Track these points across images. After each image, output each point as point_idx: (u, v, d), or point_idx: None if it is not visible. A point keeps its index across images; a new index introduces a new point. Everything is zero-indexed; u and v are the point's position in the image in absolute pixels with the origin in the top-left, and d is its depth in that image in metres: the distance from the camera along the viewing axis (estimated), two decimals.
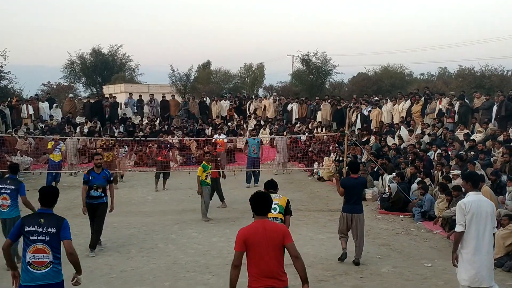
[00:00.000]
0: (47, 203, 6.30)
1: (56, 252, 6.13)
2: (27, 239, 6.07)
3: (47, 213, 6.26)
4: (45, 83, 50.28)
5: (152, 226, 13.67)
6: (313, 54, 39.27)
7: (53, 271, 6.10)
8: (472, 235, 7.11)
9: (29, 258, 6.05)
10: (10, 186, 10.12)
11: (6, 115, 26.04)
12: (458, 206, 7.28)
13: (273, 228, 5.85)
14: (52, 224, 6.10)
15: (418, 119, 23.47)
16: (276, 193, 8.53)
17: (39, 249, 6.05)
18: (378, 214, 15.34)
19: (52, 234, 6.07)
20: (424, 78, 47.06)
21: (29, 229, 6.07)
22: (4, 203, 10.06)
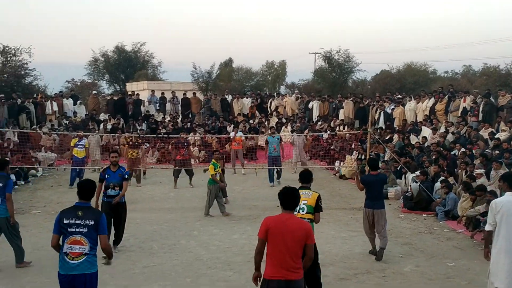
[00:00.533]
0: (85, 197, 6.55)
1: (93, 244, 6.35)
2: (66, 231, 6.30)
3: (85, 206, 6.49)
4: (69, 80, 50.93)
5: (174, 222, 13.75)
6: (336, 52, 39.06)
7: (87, 262, 6.31)
8: (502, 235, 6.96)
9: (66, 248, 6.29)
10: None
11: (31, 111, 26.38)
12: (490, 205, 7.19)
13: (297, 225, 6.02)
14: (90, 217, 6.34)
15: (441, 117, 23.23)
16: (309, 188, 8.32)
17: (77, 241, 6.28)
18: (401, 213, 15.23)
19: (90, 227, 6.30)
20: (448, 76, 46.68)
21: (68, 221, 6.31)
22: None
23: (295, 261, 5.93)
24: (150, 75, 49.49)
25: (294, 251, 5.91)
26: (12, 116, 25.33)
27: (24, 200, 16.88)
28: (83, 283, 6.28)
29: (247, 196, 17.34)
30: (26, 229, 13.00)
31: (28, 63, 36.36)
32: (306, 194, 8.15)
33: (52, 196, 17.73)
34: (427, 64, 45.34)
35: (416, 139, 21.37)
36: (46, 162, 22.74)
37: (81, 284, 6.29)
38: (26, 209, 15.54)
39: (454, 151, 18.38)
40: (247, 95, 32.76)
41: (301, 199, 7.34)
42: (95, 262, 6.42)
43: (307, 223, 6.49)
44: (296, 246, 5.92)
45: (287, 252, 5.89)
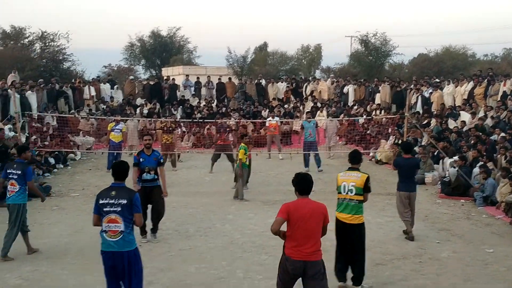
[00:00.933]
0: (119, 177, 6.84)
1: (128, 222, 6.61)
2: (102, 211, 6.60)
3: (119, 186, 6.78)
4: (106, 65, 51.57)
5: (209, 206, 13.85)
6: (373, 35, 38.57)
7: (124, 240, 6.58)
8: None
9: (104, 227, 6.61)
10: (17, 171, 9.62)
11: (69, 96, 26.77)
12: None
13: (315, 207, 6.43)
14: (123, 196, 6.62)
15: (480, 101, 22.74)
16: (358, 169, 8.34)
17: (112, 219, 6.57)
18: (438, 199, 15.03)
19: (124, 205, 6.58)
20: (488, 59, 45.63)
21: (103, 201, 6.63)
22: (12, 189, 9.58)
23: (315, 243, 6.34)
24: (185, 60, 49.71)
25: (314, 233, 6.32)
26: (50, 101, 25.76)
27: (63, 184, 17.22)
28: (122, 261, 6.54)
29: (282, 181, 17.30)
30: (65, 212, 13.34)
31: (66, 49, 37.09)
32: (355, 176, 8.20)
33: (90, 179, 18.04)
34: (466, 47, 44.56)
35: (454, 124, 21.00)
36: (84, 146, 23.12)
37: (121, 262, 6.54)
38: (65, 192, 15.86)
39: (493, 136, 18.00)
40: (282, 80, 32.61)
41: (349, 181, 7.93)
42: (132, 240, 6.67)
43: (323, 205, 6.58)
44: (316, 228, 6.34)
45: (307, 235, 6.28)
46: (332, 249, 8.36)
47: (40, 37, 37.31)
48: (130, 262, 6.60)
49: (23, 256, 9.64)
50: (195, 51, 53.26)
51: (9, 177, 9.68)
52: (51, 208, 13.72)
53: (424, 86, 26.23)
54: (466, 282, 8.36)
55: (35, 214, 13.01)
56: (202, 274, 8.73)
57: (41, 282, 8.33)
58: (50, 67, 35.47)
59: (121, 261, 6.54)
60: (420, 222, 12.27)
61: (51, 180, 17.56)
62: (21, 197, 9.61)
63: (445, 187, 15.44)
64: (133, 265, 6.63)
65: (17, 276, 8.59)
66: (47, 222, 12.27)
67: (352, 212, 8.10)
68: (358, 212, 8.14)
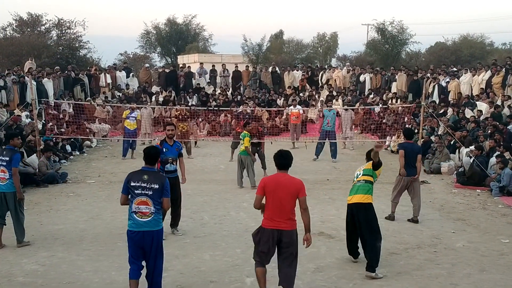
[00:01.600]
0: (150, 162, 7.16)
1: (157, 205, 6.96)
2: (133, 193, 6.94)
3: (151, 170, 7.11)
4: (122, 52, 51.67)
5: (224, 194, 13.89)
6: (389, 23, 38.17)
7: (154, 220, 6.94)
8: None
9: (134, 208, 6.92)
10: (5, 157, 9.37)
11: (85, 83, 26.94)
12: None
13: (290, 181, 6.88)
14: (155, 181, 6.95)
15: (498, 91, 22.48)
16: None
17: (143, 201, 6.91)
18: (454, 188, 14.94)
19: (155, 190, 6.93)
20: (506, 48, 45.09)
21: (134, 184, 6.94)
22: (3, 176, 9.35)
23: (288, 213, 6.81)
24: (201, 48, 49.65)
25: (287, 204, 6.79)
26: (67, 88, 25.94)
27: (79, 170, 17.36)
28: (151, 239, 6.92)
29: (297, 170, 17.17)
30: (81, 198, 13.44)
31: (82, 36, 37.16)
32: (365, 164, 8.86)
33: (106, 166, 18.16)
34: (484, 36, 44.00)
35: (471, 113, 20.81)
36: (100, 133, 23.27)
37: (150, 240, 6.91)
38: (81, 179, 15.98)
39: (510, 125, 17.81)
40: (297, 68, 32.48)
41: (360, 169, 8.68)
42: (160, 220, 7.07)
43: (298, 180, 6.99)
44: (289, 199, 6.79)
45: (281, 205, 6.78)
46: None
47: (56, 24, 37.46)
48: (158, 240, 7.01)
49: (39, 242, 9.73)
50: (211, 39, 53.20)
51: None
52: (67, 195, 13.84)
53: (441, 75, 25.99)
54: (481, 272, 8.31)
55: (51, 200, 13.16)
56: (217, 261, 8.77)
57: (57, 268, 8.41)
58: (67, 54, 35.64)
59: (150, 240, 6.91)
60: (435, 211, 12.24)
61: (67, 167, 17.71)
62: (12, 184, 9.40)
63: (461, 177, 15.35)
64: (160, 244, 7.05)
65: (34, 262, 8.68)
66: (64, 208, 12.38)
67: (359, 192, 8.39)
68: (365, 191, 8.39)
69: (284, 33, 49.80)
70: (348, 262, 8.72)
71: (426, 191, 14.55)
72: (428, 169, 17.19)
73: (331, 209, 12.28)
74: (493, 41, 45.53)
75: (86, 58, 37.54)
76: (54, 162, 16.60)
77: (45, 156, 15.72)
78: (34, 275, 8.13)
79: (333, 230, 10.53)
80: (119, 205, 7.34)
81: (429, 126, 20.40)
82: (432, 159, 17.60)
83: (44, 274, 8.19)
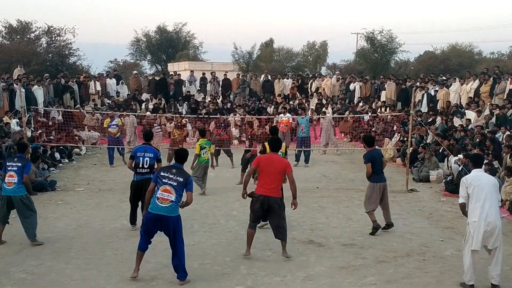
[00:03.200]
0: (180, 161, 8.44)
1: (178, 195, 8.05)
2: (160, 181, 8.09)
3: (179, 167, 8.32)
4: (112, 60, 51.52)
5: (214, 202, 13.87)
6: (379, 32, 38.52)
7: (172, 207, 8.00)
8: (476, 205, 7.94)
9: (159, 194, 8.03)
10: (17, 163, 10.02)
11: (75, 91, 26.88)
12: (461, 181, 8.22)
13: (279, 160, 9.19)
14: (181, 175, 8.13)
15: (486, 99, 22.65)
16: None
17: (167, 189, 8.03)
18: (443, 197, 15.00)
19: (180, 182, 8.08)
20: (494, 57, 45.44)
21: (164, 174, 8.15)
22: (10, 180, 9.91)
23: (275, 185, 8.97)
24: (191, 56, 49.64)
25: (275, 177, 8.95)
26: (56, 96, 25.84)
27: (68, 178, 17.28)
28: (167, 224, 7.99)
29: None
30: (70, 206, 13.37)
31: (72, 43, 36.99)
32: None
33: (95, 174, 18.10)
34: (472, 45, 44.34)
35: (460, 122, 20.95)
36: (90, 141, 23.20)
37: (166, 224, 8.00)
38: (70, 187, 15.91)
39: (498, 134, 17.94)
40: (287, 76, 32.58)
41: None
42: (177, 209, 8.08)
43: (286, 160, 9.63)
44: (277, 174, 8.96)
45: (270, 178, 8.93)
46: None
47: (46, 31, 37.28)
48: (175, 225, 8.06)
49: (28, 250, 9.68)
50: (201, 47, 53.16)
51: (8, 169, 9.99)
52: (56, 203, 13.76)
53: (430, 83, 26.17)
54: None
55: (40, 208, 13.00)
56: (206, 270, 8.75)
57: (45, 277, 8.36)
58: (56, 61, 35.48)
59: (167, 224, 7.98)
60: (424, 220, 12.28)
61: (56, 174, 17.62)
62: (22, 189, 9.98)
63: (449, 185, 15.41)
64: (177, 229, 8.10)
65: (22, 270, 8.62)
66: (52, 216, 12.31)
67: None
68: None
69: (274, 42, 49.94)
70: (337, 270, 8.72)
71: (414, 199, 14.62)
72: (416, 177, 17.28)
73: (320, 217, 12.29)
74: (481, 50, 45.94)
75: (76, 65, 37.36)
76: (43, 170, 16.51)
77: (35, 164, 15.62)
78: (22, 284, 8.07)
79: (322, 238, 10.54)
80: (109, 213, 7.48)
81: (418, 134, 20.51)
82: (421, 167, 17.69)
83: (32, 282, 8.13)
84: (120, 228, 11.21)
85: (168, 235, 8.10)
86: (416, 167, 17.82)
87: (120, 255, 9.40)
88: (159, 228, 8.06)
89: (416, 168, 17.78)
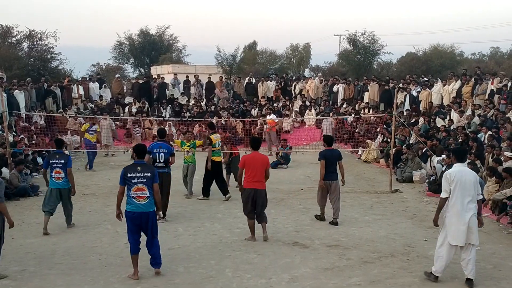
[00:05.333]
0: (141, 156, 8.72)
1: (151, 190, 8.42)
2: (130, 182, 8.37)
3: (142, 163, 8.63)
4: (94, 64, 51.30)
5: (198, 205, 13.84)
6: (361, 34, 38.81)
7: (149, 203, 8.43)
8: (456, 201, 8.01)
9: (133, 194, 8.35)
10: (60, 160, 11.33)
11: (57, 95, 26.66)
12: (444, 175, 8.24)
13: (261, 157, 10.48)
14: (147, 171, 8.49)
15: (468, 100, 22.86)
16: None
17: (139, 188, 8.35)
18: (426, 197, 15.12)
19: (148, 177, 8.42)
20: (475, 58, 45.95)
21: (131, 175, 8.40)
22: (59, 176, 11.31)
23: (260, 178, 10.33)
24: (174, 59, 49.59)
25: (260, 171, 10.28)
26: (39, 100, 25.63)
27: None
28: (147, 218, 8.38)
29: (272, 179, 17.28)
30: None
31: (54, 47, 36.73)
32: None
33: (78, 178, 17.78)
34: (454, 46, 44.77)
35: (442, 122, 21.12)
36: (72, 145, 23.01)
37: (147, 219, 8.38)
38: None
39: (480, 134, 18.11)
40: (271, 78, 32.64)
41: None
42: (153, 203, 8.49)
43: (266, 156, 10.86)
44: (261, 169, 10.30)
45: (256, 173, 10.25)
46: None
47: (27, 36, 36.97)
48: (153, 219, 8.50)
49: (10, 256, 9.56)
50: (184, 50, 53.24)
51: (52, 166, 11.36)
52: (38, 208, 13.55)
53: (412, 84, 26.36)
54: (453, 279, 8.40)
55: (22, 214, 12.98)
56: (191, 273, 8.72)
57: (28, 282, 8.28)
58: (38, 66, 35.22)
59: (147, 219, 8.36)
60: (408, 220, 12.36)
61: (39, 179, 17.42)
62: (68, 182, 11.44)
63: (432, 185, 15.53)
64: (155, 221, 8.56)
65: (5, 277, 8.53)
66: (35, 221, 12.19)
67: None
68: None
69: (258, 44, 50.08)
70: (322, 271, 8.73)
71: (398, 199, 14.71)
72: (400, 178, 17.38)
73: (305, 219, 12.32)
74: (462, 51, 46.43)
75: (58, 69, 37.10)
76: (25, 175, 16.34)
77: (17, 169, 15.49)
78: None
79: (307, 240, 10.56)
80: (92, 218, 7.43)
81: (401, 135, 20.64)
82: (404, 168, 17.81)
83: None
84: (104, 232, 11.14)
85: (146, 229, 8.44)
86: (399, 168, 17.94)
87: (104, 260, 9.34)
88: (140, 223, 8.38)
89: (399, 168, 17.90)
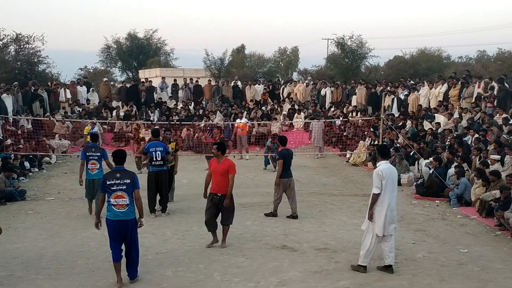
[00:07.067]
0: (120, 162, 8.52)
1: (131, 197, 8.28)
2: (109, 190, 8.22)
3: (121, 169, 8.43)
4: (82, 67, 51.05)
5: (187, 209, 13.80)
6: (349, 37, 38.94)
7: (129, 210, 8.26)
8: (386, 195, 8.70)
9: (113, 201, 8.18)
10: (96, 153, 12.70)
11: (44, 99, 26.50)
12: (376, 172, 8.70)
13: (226, 161, 10.29)
14: (126, 177, 8.30)
15: (455, 103, 23.01)
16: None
17: (119, 196, 8.19)
18: (414, 200, 15.18)
19: (128, 184, 8.25)
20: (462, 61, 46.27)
21: (110, 182, 8.23)
22: (94, 167, 12.61)
23: (223, 183, 10.16)
24: (162, 62, 49.50)
25: (223, 176, 10.14)
26: (25, 104, 25.48)
27: (39, 187, 17.04)
28: (127, 226, 8.22)
29: (260, 183, 17.36)
30: (40, 216, 13.19)
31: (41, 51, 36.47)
32: None
33: (65, 183, 17.86)
34: (441, 49, 45.09)
35: (430, 125, 21.24)
36: (60, 149, 22.91)
37: (126, 227, 8.21)
38: (40, 196, 15.69)
39: (467, 137, 18.23)
40: (259, 82, 32.67)
41: None
42: (134, 211, 8.32)
43: (230, 160, 10.44)
44: (225, 173, 10.14)
45: (220, 178, 10.17)
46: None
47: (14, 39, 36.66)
48: (133, 227, 8.32)
49: None
50: (172, 53, 53.15)
51: (89, 158, 12.59)
52: (26, 212, 13.55)
53: (399, 88, 26.50)
54: (441, 282, 8.44)
55: (9, 218, 12.88)
56: (179, 277, 8.70)
57: (16, 287, 8.23)
58: (25, 69, 34.97)
59: (126, 227, 8.20)
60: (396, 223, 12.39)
61: (26, 184, 17.36)
62: (102, 173, 12.26)
63: (420, 188, 15.60)
64: (135, 229, 8.36)
65: None
66: (22, 226, 12.12)
67: None
68: None
69: (246, 48, 50.14)
70: (311, 275, 8.75)
71: None
72: None
73: (293, 222, 12.32)
74: (449, 55, 46.85)
75: (46, 73, 36.86)
76: (12, 179, 16.23)
77: (5, 174, 15.37)
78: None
79: (295, 243, 10.57)
80: (79, 222, 7.42)
81: (389, 138, 20.73)
82: None
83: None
84: (92, 237, 11.07)
85: (125, 237, 8.27)
86: None
87: (92, 264, 9.29)
88: (120, 231, 8.20)
89: None
